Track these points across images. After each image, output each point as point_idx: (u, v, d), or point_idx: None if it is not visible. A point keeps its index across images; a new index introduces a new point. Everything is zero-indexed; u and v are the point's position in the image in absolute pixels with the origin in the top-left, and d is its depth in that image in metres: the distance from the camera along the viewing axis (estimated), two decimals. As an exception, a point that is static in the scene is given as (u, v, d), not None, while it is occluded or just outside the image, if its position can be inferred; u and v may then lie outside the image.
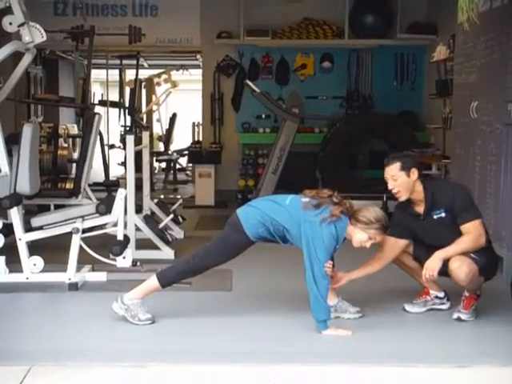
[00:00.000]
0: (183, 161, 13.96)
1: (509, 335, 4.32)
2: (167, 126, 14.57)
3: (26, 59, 5.74)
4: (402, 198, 4.47)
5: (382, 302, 4.90)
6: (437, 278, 4.49)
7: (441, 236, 4.45)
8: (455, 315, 4.56)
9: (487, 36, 5.91)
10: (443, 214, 4.43)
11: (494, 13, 5.70)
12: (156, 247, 6.36)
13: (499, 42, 5.66)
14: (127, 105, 11.82)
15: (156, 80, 14.81)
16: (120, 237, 5.38)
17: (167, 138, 14.37)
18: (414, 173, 4.41)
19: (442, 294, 4.78)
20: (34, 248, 5.51)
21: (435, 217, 4.46)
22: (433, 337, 4.34)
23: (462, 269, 4.30)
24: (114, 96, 13.56)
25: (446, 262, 4.35)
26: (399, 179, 4.42)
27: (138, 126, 11.01)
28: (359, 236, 4.29)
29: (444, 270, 4.38)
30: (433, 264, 4.36)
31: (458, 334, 4.38)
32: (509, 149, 5.51)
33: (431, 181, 4.65)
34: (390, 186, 4.47)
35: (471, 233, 4.36)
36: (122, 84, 13.54)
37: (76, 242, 5.28)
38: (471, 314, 4.55)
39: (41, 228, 5.40)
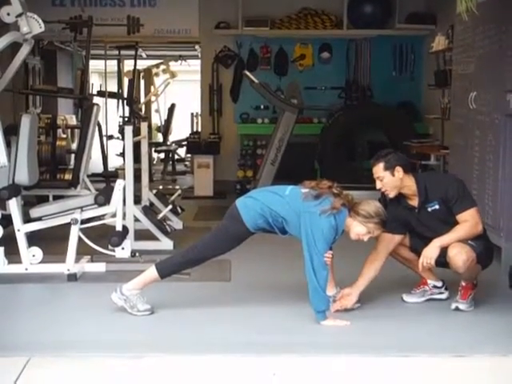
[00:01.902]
0: (182, 151, 13.95)
1: (507, 325, 4.33)
2: (166, 117, 14.56)
3: (24, 50, 5.72)
4: (391, 195, 4.50)
5: (381, 293, 4.90)
6: (433, 267, 4.50)
7: (436, 228, 4.45)
8: (453, 305, 4.57)
9: (486, 26, 5.90)
10: (437, 206, 4.44)
11: (492, 3, 5.68)
12: (155, 238, 6.36)
13: (498, 32, 5.65)
14: (126, 95, 11.79)
15: (154, 70, 14.81)
16: (119, 227, 5.38)
17: (166, 128, 14.36)
18: (399, 170, 4.43)
19: (439, 284, 4.79)
20: (33, 239, 5.52)
21: (429, 209, 4.47)
22: (431, 327, 4.35)
23: (461, 256, 4.30)
24: (112, 87, 13.53)
25: (443, 253, 4.36)
26: (384, 179, 4.45)
27: (136, 116, 10.98)
28: (358, 229, 4.29)
29: (442, 261, 4.39)
30: (430, 252, 4.37)
31: (456, 324, 4.39)
32: (507, 139, 5.50)
33: (423, 174, 4.65)
34: (377, 186, 4.51)
35: (468, 220, 4.37)
36: (120, 75, 13.53)
37: (75, 232, 5.28)
38: (469, 304, 4.56)
39: (39, 219, 5.40)
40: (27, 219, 5.47)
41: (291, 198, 4.31)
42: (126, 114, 11.73)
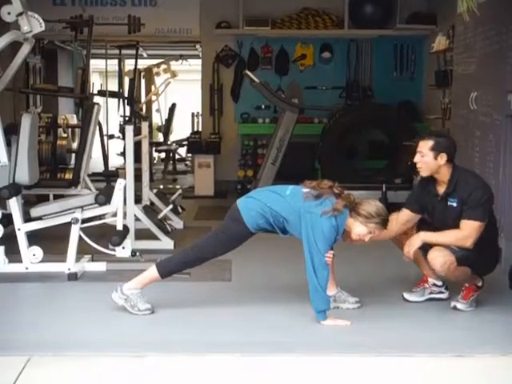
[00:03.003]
0: (182, 151, 13.96)
1: (507, 325, 4.34)
2: (166, 116, 14.57)
3: (25, 49, 5.73)
4: (423, 174, 4.49)
5: (381, 292, 4.91)
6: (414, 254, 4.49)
7: (445, 222, 4.45)
8: (452, 304, 4.57)
9: (487, 26, 5.90)
10: (455, 204, 4.42)
11: (493, 3, 5.69)
12: (155, 237, 6.36)
13: (499, 32, 5.65)
14: (126, 95, 11.80)
15: (155, 70, 14.82)
16: (119, 227, 5.38)
17: (166, 128, 14.37)
18: (443, 157, 4.39)
19: (439, 283, 4.78)
20: (34, 238, 5.52)
21: (449, 203, 4.46)
22: (432, 326, 4.35)
23: (438, 259, 4.31)
24: (113, 86, 13.55)
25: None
26: (426, 157, 4.42)
27: (137, 116, 11.00)
28: (359, 229, 4.28)
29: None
30: (413, 241, 4.42)
31: (456, 324, 4.40)
32: (508, 139, 5.50)
33: (462, 169, 4.58)
34: (415, 159, 4.48)
35: (463, 230, 4.35)
36: (121, 74, 13.52)
37: (75, 232, 5.28)
38: (469, 305, 4.55)
39: (40, 218, 5.40)
40: (28, 218, 5.47)
41: (292, 198, 4.31)
42: (127, 113, 11.73)
